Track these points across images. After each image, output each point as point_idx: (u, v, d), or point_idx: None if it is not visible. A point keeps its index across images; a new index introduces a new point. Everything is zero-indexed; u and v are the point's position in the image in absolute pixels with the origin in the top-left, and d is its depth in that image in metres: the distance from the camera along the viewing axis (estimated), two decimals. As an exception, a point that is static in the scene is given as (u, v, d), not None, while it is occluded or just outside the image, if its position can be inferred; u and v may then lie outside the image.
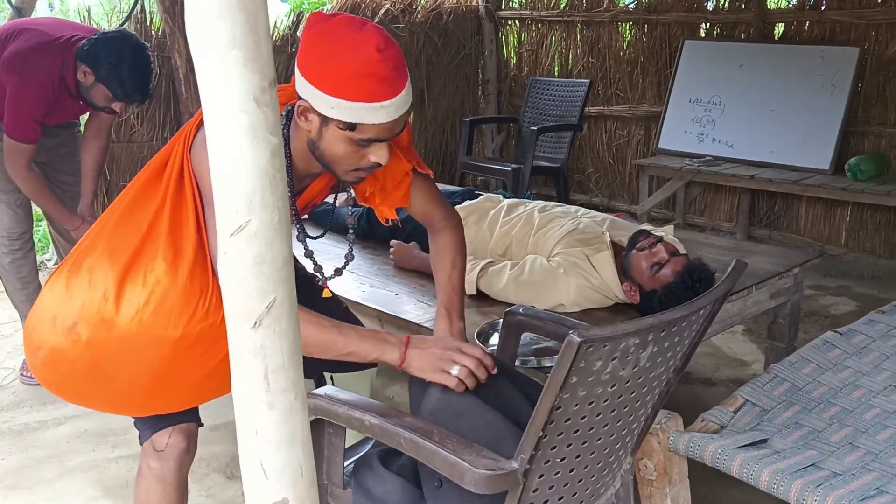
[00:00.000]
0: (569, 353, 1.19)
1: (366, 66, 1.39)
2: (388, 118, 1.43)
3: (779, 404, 2.00)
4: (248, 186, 0.78)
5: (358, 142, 1.46)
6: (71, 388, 1.66)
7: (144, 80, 2.87)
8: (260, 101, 0.77)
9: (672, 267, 2.24)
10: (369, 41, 1.40)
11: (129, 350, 1.54)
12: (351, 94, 1.39)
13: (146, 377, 1.58)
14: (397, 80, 1.42)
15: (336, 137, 1.46)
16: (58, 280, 1.60)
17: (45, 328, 1.58)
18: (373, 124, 1.43)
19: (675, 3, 5.11)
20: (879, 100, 4.47)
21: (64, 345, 1.56)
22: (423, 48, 5.59)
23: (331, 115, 1.42)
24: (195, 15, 0.73)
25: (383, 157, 1.49)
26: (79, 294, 1.55)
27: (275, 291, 0.82)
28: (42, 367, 1.63)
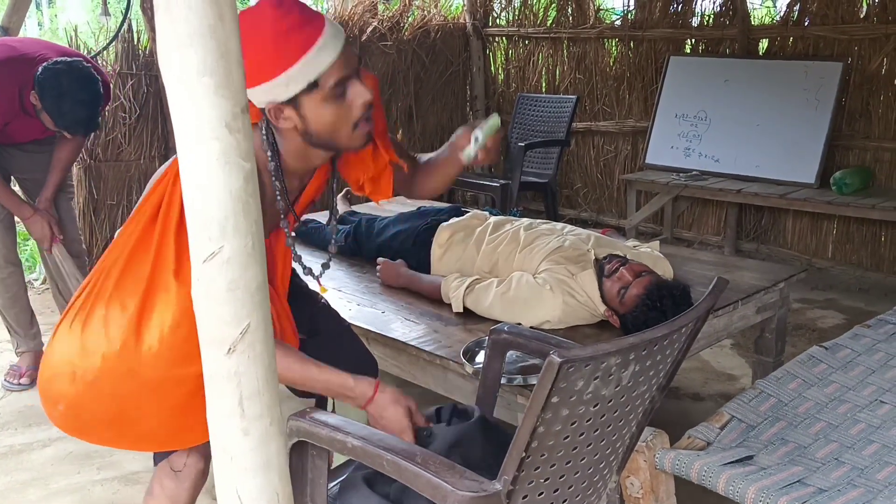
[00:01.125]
0: (550, 374, 1.19)
1: (274, 28, 1.41)
2: (333, 53, 1.45)
3: (765, 420, 2.01)
4: (221, 212, 0.78)
5: (334, 93, 1.47)
6: (94, 434, 1.66)
7: (87, 115, 2.89)
8: (232, 127, 0.77)
9: (635, 290, 2.25)
10: (263, 7, 1.42)
11: (154, 394, 1.54)
12: (287, 60, 1.42)
13: (172, 416, 1.58)
14: (315, 19, 1.45)
15: (316, 106, 1.47)
16: (71, 330, 1.58)
17: (64, 383, 1.57)
18: (326, 65, 1.44)
19: (660, 20, 5.15)
20: (863, 114, 4.50)
21: (86, 398, 1.56)
22: (411, 65, 5.60)
23: (291, 91, 1.44)
24: (166, 43, 0.73)
25: (364, 92, 1.50)
26: (96, 347, 1.54)
27: (249, 317, 0.82)
28: (63, 419, 1.63)
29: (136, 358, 1.52)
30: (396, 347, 2.32)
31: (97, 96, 2.91)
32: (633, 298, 2.26)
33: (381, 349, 2.40)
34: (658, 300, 2.21)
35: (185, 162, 0.78)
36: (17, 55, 2.90)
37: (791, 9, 4.69)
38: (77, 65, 2.91)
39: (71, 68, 2.85)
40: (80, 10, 10.52)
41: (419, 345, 2.24)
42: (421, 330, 2.35)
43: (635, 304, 2.24)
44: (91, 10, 9.88)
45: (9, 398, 3.22)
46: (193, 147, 0.77)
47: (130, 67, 4.28)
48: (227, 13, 0.74)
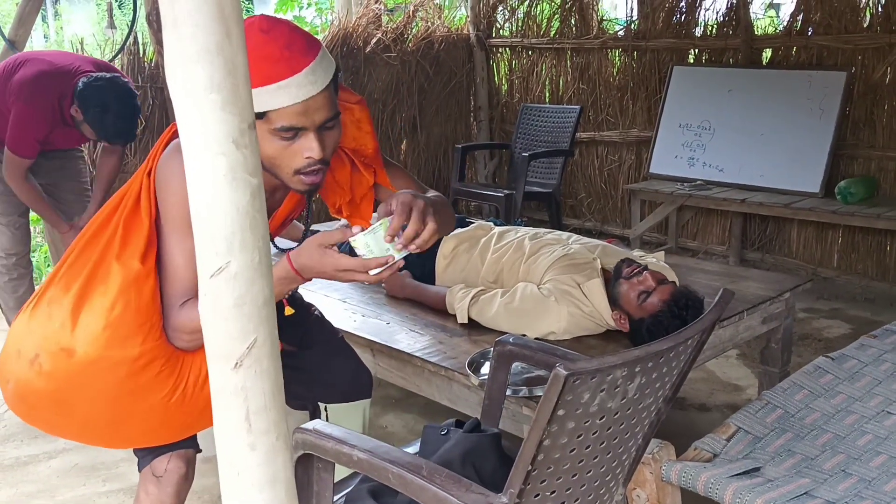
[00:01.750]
0: (556, 386, 1.18)
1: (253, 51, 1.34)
2: (293, 99, 1.39)
3: (771, 431, 2.00)
4: (228, 228, 0.78)
5: (279, 134, 1.42)
6: (40, 418, 1.67)
7: (127, 127, 3.10)
8: (239, 143, 0.77)
9: (659, 295, 2.24)
10: (253, 25, 1.39)
11: (87, 376, 1.55)
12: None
13: (105, 402, 1.59)
14: (293, 59, 1.39)
15: (262, 136, 1.41)
16: (23, 314, 1.62)
17: (11, 361, 1.60)
18: (283, 108, 1.39)
19: (663, 30, 5.16)
20: (868, 123, 4.50)
21: (28, 376, 1.57)
22: (415, 76, 5.62)
23: None
24: (173, 59, 0.74)
25: (313, 149, 1.44)
26: (38, 326, 1.57)
27: (255, 332, 0.82)
28: (12, 399, 1.65)
29: (72, 337, 1.53)
30: (401, 359, 2.32)
31: (136, 110, 3.12)
32: (655, 304, 2.24)
33: (386, 360, 2.40)
34: (684, 308, 2.20)
35: (193, 178, 0.78)
36: (53, 69, 3.07)
37: (794, 18, 4.70)
38: (117, 81, 3.10)
39: (112, 84, 3.04)
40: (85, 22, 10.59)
41: (424, 356, 2.24)
42: (426, 341, 2.35)
43: (658, 310, 2.23)
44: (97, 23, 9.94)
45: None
46: (200, 163, 0.77)
47: (136, 80, 4.30)
48: (234, 30, 0.74)
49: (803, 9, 4.64)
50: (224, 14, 0.73)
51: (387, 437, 2.96)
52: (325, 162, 1.49)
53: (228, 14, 0.74)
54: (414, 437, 2.88)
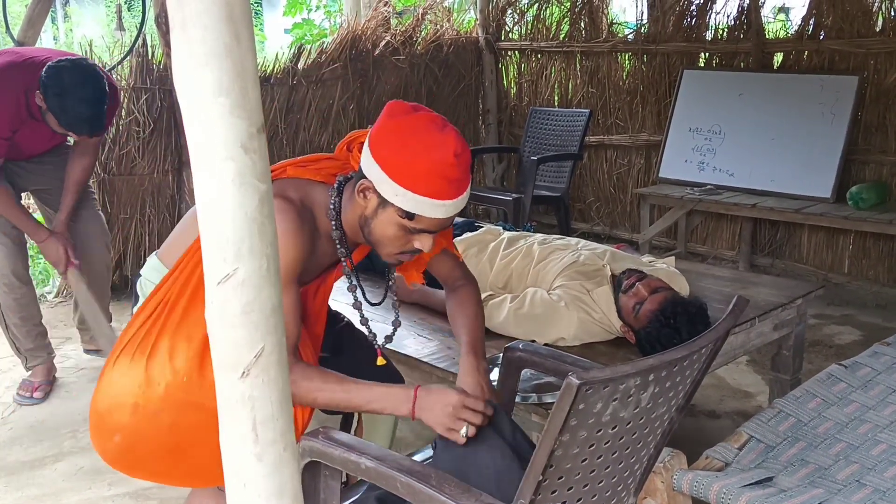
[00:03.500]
0: (568, 396, 1.17)
1: (441, 167, 1.47)
2: (444, 215, 1.53)
3: (784, 440, 1.97)
4: (236, 234, 0.77)
5: (409, 229, 1.54)
6: (145, 468, 1.67)
7: (91, 113, 2.83)
8: (248, 147, 0.75)
9: (650, 306, 2.23)
10: (448, 144, 1.49)
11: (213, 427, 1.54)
12: (420, 188, 1.48)
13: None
14: (463, 183, 1.52)
15: (390, 221, 1.54)
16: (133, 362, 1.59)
17: (124, 414, 1.58)
18: (430, 217, 1.52)
19: (673, 34, 5.13)
20: (880, 128, 4.46)
21: (146, 429, 1.57)
22: (423, 79, 5.61)
23: (394, 201, 1.51)
24: (181, 62, 0.72)
25: (427, 245, 1.58)
26: (161, 378, 1.56)
27: (263, 340, 0.80)
28: (116, 451, 1.63)
29: (199, 390, 1.54)
30: (409, 364, 2.30)
31: (101, 93, 2.84)
32: (647, 314, 2.23)
33: (395, 365, 2.38)
34: (672, 317, 2.18)
35: (200, 182, 0.77)
36: (21, 60, 2.88)
37: (806, 22, 4.67)
38: (80, 62, 2.88)
39: (74, 65, 2.82)
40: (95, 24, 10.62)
41: (432, 361, 2.22)
42: (434, 346, 2.33)
43: (649, 320, 2.22)
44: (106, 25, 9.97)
45: (21, 412, 3.21)
46: (208, 168, 0.75)
47: (145, 82, 4.30)
48: (243, 33, 0.73)
49: (815, 13, 4.61)
50: (233, 16, 0.72)
51: (396, 443, 2.93)
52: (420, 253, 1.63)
53: (238, 16, 0.72)
54: (423, 443, 2.86)
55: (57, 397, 3.30)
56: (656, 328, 2.19)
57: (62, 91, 2.74)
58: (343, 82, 5.12)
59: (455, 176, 1.49)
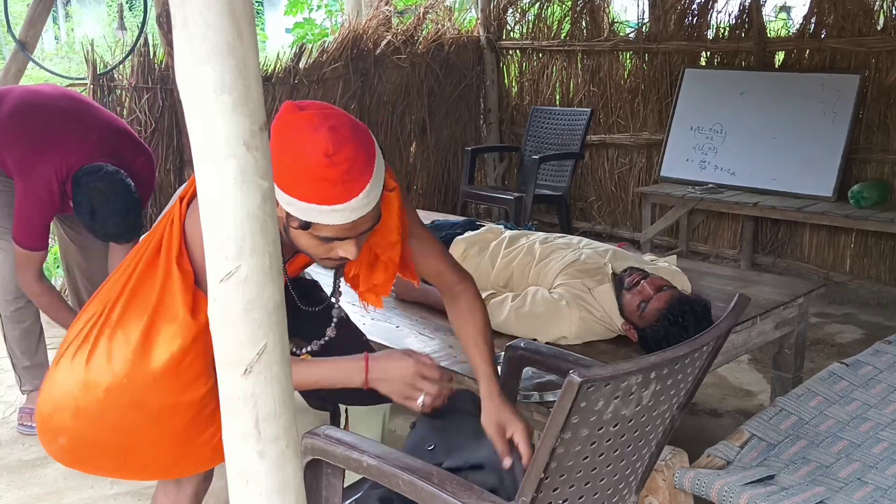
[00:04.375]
0: (570, 393, 1.17)
1: (315, 169, 1.36)
2: (342, 220, 1.40)
3: (785, 438, 1.97)
4: (238, 232, 0.77)
5: (317, 238, 1.44)
6: (93, 465, 1.65)
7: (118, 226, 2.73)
8: (250, 145, 0.76)
9: (656, 303, 2.23)
10: (318, 145, 1.35)
11: (156, 423, 1.55)
12: (302, 194, 1.38)
13: (172, 444, 1.59)
14: (351, 184, 1.38)
15: (298, 234, 1.45)
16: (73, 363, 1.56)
17: (66, 417, 1.56)
18: (327, 224, 1.40)
19: (675, 32, 5.13)
20: (881, 127, 4.46)
21: (89, 432, 1.56)
22: (424, 78, 5.61)
23: (288, 210, 1.41)
24: (183, 60, 0.73)
25: (350, 252, 1.46)
26: (100, 380, 1.53)
27: (265, 337, 0.81)
28: (62, 452, 1.62)
29: (140, 388, 1.52)
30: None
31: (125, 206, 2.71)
32: (653, 313, 2.23)
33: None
34: (680, 315, 2.18)
35: (203, 180, 0.77)
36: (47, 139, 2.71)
37: (807, 21, 4.67)
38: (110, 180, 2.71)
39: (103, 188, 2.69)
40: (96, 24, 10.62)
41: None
42: (435, 345, 2.34)
43: (656, 319, 2.22)
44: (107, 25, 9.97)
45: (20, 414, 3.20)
46: (210, 165, 0.75)
47: (146, 81, 4.30)
48: (245, 30, 0.73)
49: (816, 11, 4.61)
50: (235, 14, 0.72)
51: (396, 440, 2.94)
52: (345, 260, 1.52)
53: (240, 14, 0.72)
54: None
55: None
56: (664, 326, 2.18)
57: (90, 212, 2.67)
58: (344, 82, 5.12)
59: (333, 177, 1.35)
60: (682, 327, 2.13)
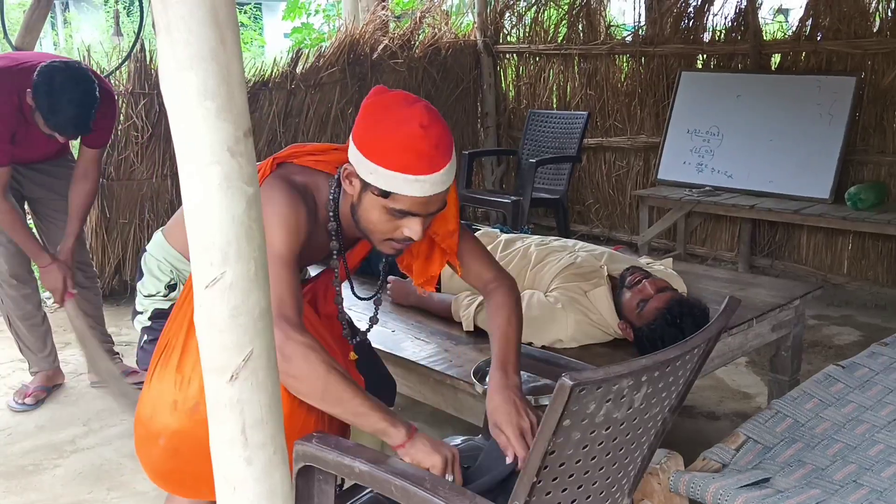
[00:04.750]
0: (561, 397, 1.17)
1: (408, 139, 1.45)
2: (422, 192, 1.47)
3: (781, 441, 1.97)
4: (223, 238, 0.77)
5: (392, 211, 1.51)
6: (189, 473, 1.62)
7: (77, 114, 2.78)
8: (234, 151, 0.76)
9: (655, 303, 2.23)
10: (415, 116, 1.46)
11: None
12: (390, 162, 1.46)
13: None
14: (437, 158, 1.47)
15: (372, 204, 1.52)
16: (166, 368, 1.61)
17: (165, 415, 1.59)
18: (407, 196, 1.48)
19: (671, 35, 5.14)
20: (878, 128, 4.47)
21: (187, 426, 1.57)
22: (421, 82, 5.61)
23: (369, 180, 1.48)
24: (167, 66, 0.73)
25: (415, 231, 1.53)
26: (192, 374, 1.57)
27: (252, 343, 0.80)
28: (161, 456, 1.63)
29: None
30: (407, 367, 2.30)
31: (90, 97, 2.81)
32: (652, 312, 2.23)
33: (392, 368, 2.37)
34: (678, 317, 2.19)
35: (187, 187, 0.77)
36: (15, 64, 2.88)
37: (803, 23, 4.67)
38: (73, 64, 2.87)
39: (67, 66, 2.82)
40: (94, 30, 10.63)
41: (429, 364, 2.22)
42: (431, 349, 2.33)
43: (654, 318, 2.22)
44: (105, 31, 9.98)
45: (20, 416, 3.20)
46: (195, 172, 0.76)
47: (143, 87, 4.30)
48: (228, 36, 0.73)
49: (812, 13, 4.62)
50: (218, 20, 0.72)
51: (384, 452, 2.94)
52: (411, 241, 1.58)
53: (223, 20, 0.72)
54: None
55: (56, 402, 3.30)
56: (661, 326, 2.19)
57: (51, 90, 2.72)
58: (341, 86, 5.12)
59: (423, 148, 1.45)
60: (679, 328, 2.13)
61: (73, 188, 3.09)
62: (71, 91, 2.76)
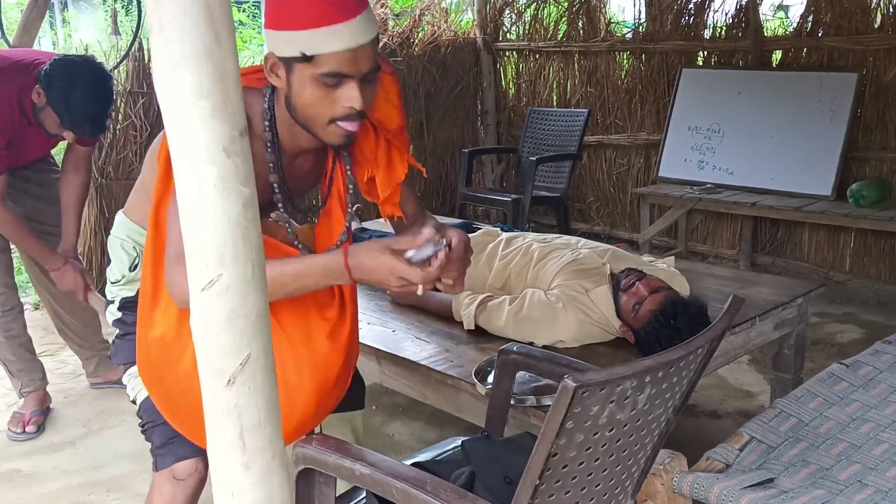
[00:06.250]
0: (564, 399, 1.15)
1: None
2: (343, 45, 1.38)
3: (785, 441, 1.95)
4: (219, 239, 0.75)
5: (323, 80, 1.41)
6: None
7: (97, 111, 2.69)
8: (230, 150, 0.74)
9: (649, 305, 2.22)
10: None
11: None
12: (301, 22, 1.37)
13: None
14: (349, 3, 1.38)
15: (302, 83, 1.42)
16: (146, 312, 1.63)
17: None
18: (330, 53, 1.38)
19: (671, 32, 5.11)
20: (879, 125, 4.45)
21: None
22: (421, 80, 5.60)
23: (287, 52, 1.39)
24: (160, 65, 0.71)
25: (354, 97, 1.43)
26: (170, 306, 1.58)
27: (249, 347, 0.79)
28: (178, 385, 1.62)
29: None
30: (407, 367, 2.29)
31: (109, 93, 2.73)
32: (646, 314, 2.22)
33: (392, 368, 2.36)
34: (672, 317, 2.17)
35: (182, 187, 0.75)
36: (9, 63, 2.74)
37: (804, 20, 4.65)
38: (90, 59, 2.76)
39: (85, 61, 2.71)
40: (93, 29, 10.62)
41: (430, 364, 2.21)
42: (432, 349, 2.32)
43: (648, 320, 2.21)
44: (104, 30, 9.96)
45: (15, 407, 3.16)
46: (190, 172, 0.74)
47: (141, 86, 4.29)
48: (223, 34, 0.71)
49: (813, 10, 4.60)
50: (213, 17, 0.70)
51: (393, 445, 2.93)
52: (363, 114, 1.48)
53: (217, 17, 0.71)
54: (422, 445, 2.85)
55: (55, 403, 3.28)
56: (656, 328, 2.18)
57: (70, 84, 2.60)
58: (341, 84, 5.09)
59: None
60: (674, 329, 2.11)
61: (64, 183, 2.98)
62: (93, 86, 2.65)
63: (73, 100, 2.62)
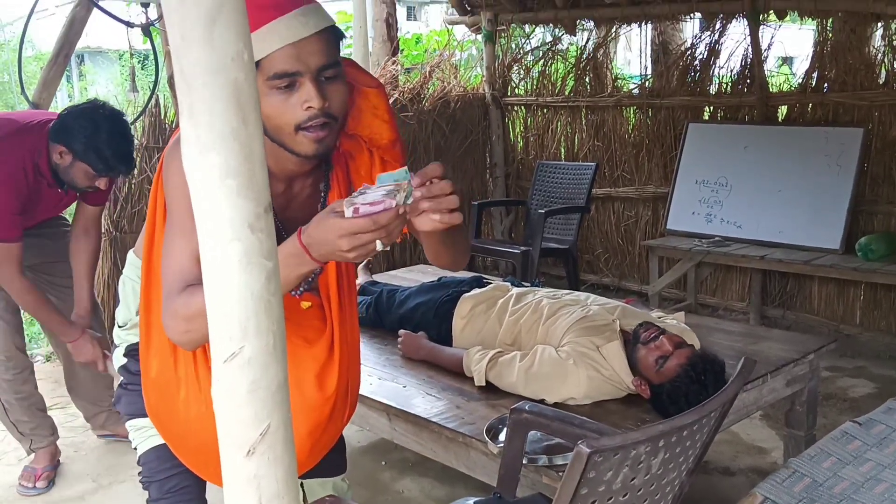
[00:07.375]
0: (578, 464, 1.16)
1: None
2: (280, 40, 1.31)
3: (799, 501, 1.94)
4: (242, 313, 0.77)
5: (274, 84, 1.33)
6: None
7: (126, 148, 2.65)
8: (255, 227, 0.76)
9: (677, 360, 2.21)
10: None
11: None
12: None
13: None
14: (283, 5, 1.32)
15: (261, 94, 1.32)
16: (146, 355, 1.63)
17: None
18: (274, 52, 1.31)
19: (678, 88, 5.19)
20: (886, 179, 4.47)
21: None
22: (431, 134, 5.67)
23: None
24: (189, 147, 0.74)
25: (311, 95, 1.33)
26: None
27: (269, 417, 0.80)
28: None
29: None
30: (418, 423, 2.29)
31: (128, 128, 2.71)
32: (674, 368, 2.20)
33: (403, 425, 2.36)
34: (702, 373, 2.17)
35: (207, 262, 0.77)
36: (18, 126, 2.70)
37: (809, 75, 4.72)
38: (98, 102, 2.72)
39: (94, 105, 2.67)
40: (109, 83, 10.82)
41: (441, 421, 2.20)
42: (443, 405, 2.32)
43: (676, 375, 2.19)
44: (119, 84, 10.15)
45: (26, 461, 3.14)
46: (215, 248, 0.76)
47: (157, 141, 4.36)
48: (250, 116, 0.74)
49: (818, 66, 4.67)
50: (240, 101, 0.73)
51: (404, 502, 2.90)
52: (331, 116, 1.38)
53: (245, 101, 0.74)
54: (432, 502, 2.82)
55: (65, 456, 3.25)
56: (685, 384, 2.16)
57: (94, 130, 2.56)
58: (352, 138, 5.17)
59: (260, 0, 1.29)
60: (702, 385, 2.11)
61: (75, 247, 2.97)
62: (113, 125, 2.63)
63: (101, 144, 2.58)
